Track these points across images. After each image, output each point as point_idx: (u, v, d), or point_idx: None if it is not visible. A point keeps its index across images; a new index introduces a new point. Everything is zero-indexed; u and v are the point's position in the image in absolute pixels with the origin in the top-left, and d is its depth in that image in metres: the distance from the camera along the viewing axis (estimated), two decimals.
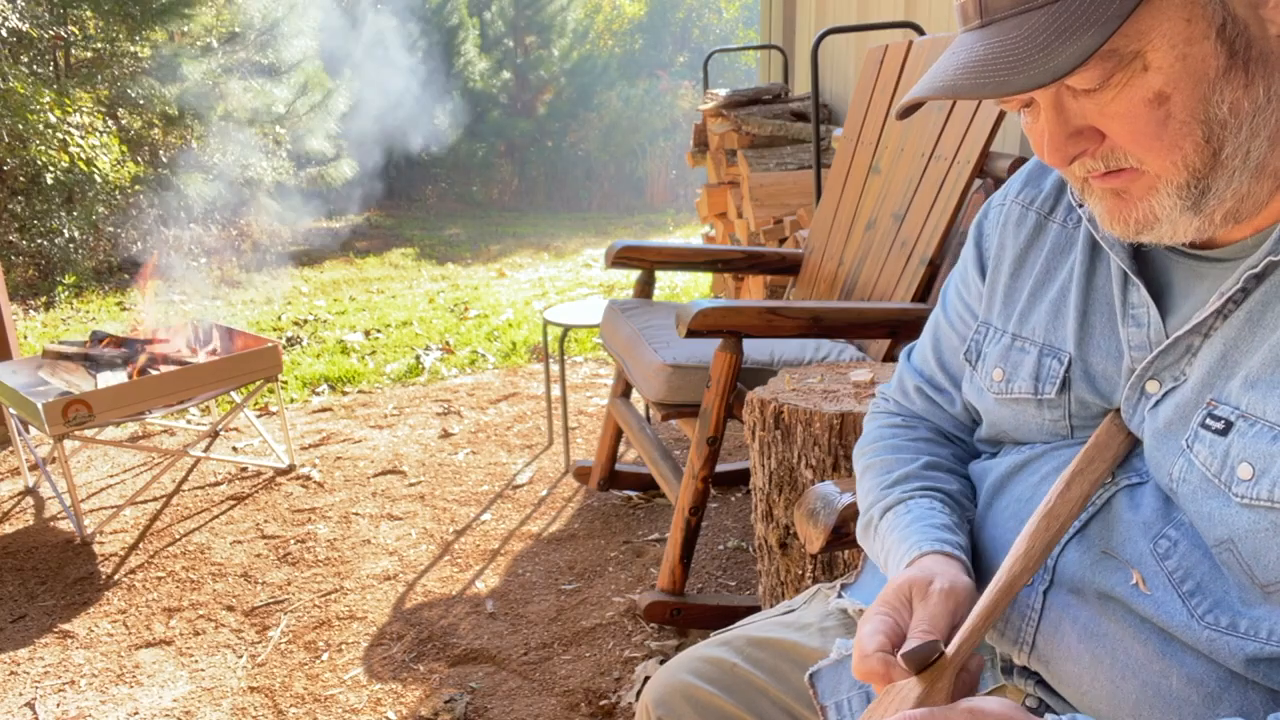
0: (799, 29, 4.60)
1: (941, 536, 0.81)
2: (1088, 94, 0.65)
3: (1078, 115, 0.66)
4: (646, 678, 1.91)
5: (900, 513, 0.87)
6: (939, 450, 0.94)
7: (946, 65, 0.66)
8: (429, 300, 5.71)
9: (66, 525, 2.68)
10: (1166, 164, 0.64)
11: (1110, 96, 0.64)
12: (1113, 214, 0.69)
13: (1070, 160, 0.67)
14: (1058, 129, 0.66)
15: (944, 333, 0.97)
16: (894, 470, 0.92)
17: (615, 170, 12.51)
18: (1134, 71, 0.62)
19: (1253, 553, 0.64)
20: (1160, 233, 0.68)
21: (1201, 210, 0.66)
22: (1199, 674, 0.67)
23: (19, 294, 6.07)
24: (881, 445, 0.96)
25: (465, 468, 2.99)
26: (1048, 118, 0.67)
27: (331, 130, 8.61)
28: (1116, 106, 0.64)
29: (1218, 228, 0.67)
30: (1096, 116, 0.65)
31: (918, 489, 0.88)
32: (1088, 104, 0.65)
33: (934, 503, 0.86)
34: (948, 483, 0.90)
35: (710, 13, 15.43)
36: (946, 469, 0.92)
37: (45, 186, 6.05)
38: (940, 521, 0.84)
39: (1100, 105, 0.64)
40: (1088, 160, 0.67)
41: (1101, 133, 0.66)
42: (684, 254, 2.53)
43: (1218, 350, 0.68)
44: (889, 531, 0.87)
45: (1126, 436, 0.77)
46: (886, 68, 2.37)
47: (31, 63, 6.40)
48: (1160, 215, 0.67)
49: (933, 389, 0.98)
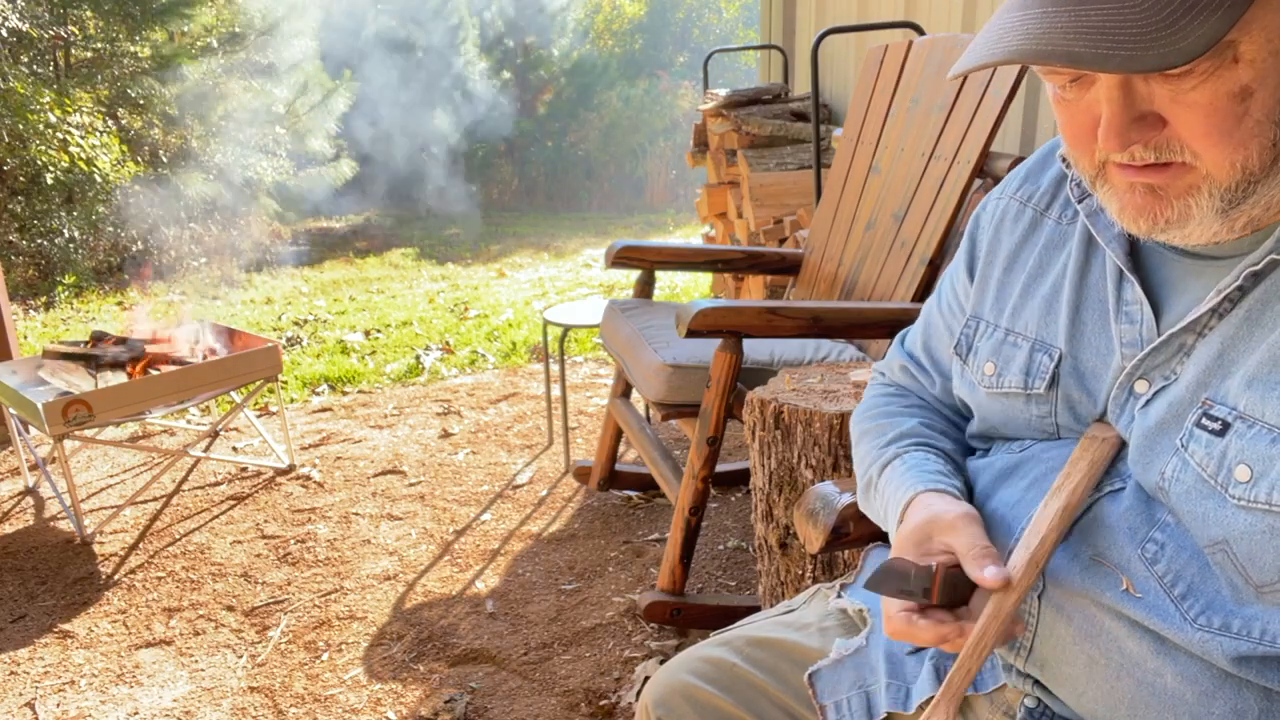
0: (799, 29, 4.59)
1: (937, 480, 0.82)
2: (1165, 78, 0.60)
3: (1145, 99, 0.62)
4: (646, 678, 1.91)
5: (896, 466, 0.88)
6: (931, 416, 0.96)
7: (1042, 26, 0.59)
8: (429, 300, 5.71)
9: (66, 525, 2.68)
10: (1225, 163, 0.61)
11: (1191, 85, 0.59)
12: (1140, 209, 0.66)
13: (1127, 146, 0.63)
14: (1123, 112, 0.62)
15: (934, 321, 0.98)
16: (889, 431, 0.93)
17: (615, 170, 12.51)
18: (1224, 62, 0.58)
19: (1248, 554, 0.64)
20: (1184, 233, 0.65)
21: (1230, 214, 0.63)
22: (1193, 672, 0.67)
23: (19, 294, 6.07)
24: (876, 411, 0.98)
25: (465, 468, 2.99)
26: (1112, 98, 0.62)
27: (331, 130, 8.61)
28: (1197, 96, 0.59)
29: (1234, 234, 0.65)
30: (1167, 103, 0.61)
31: (912, 444, 0.90)
32: (1160, 89, 0.61)
33: (929, 455, 0.88)
34: (941, 441, 0.91)
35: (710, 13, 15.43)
36: (939, 429, 0.93)
37: (45, 186, 6.05)
38: (935, 468, 0.85)
39: (1176, 92, 0.60)
40: (1138, 149, 0.63)
41: (1164, 120, 0.62)
42: (684, 254, 2.53)
43: (1214, 349, 0.67)
44: (886, 484, 0.88)
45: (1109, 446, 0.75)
46: (886, 68, 2.37)
47: (31, 63, 6.40)
48: (1194, 215, 0.64)
49: (916, 368, 1.00)
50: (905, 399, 0.99)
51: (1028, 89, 2.49)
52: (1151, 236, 0.67)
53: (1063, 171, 0.84)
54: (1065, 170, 0.83)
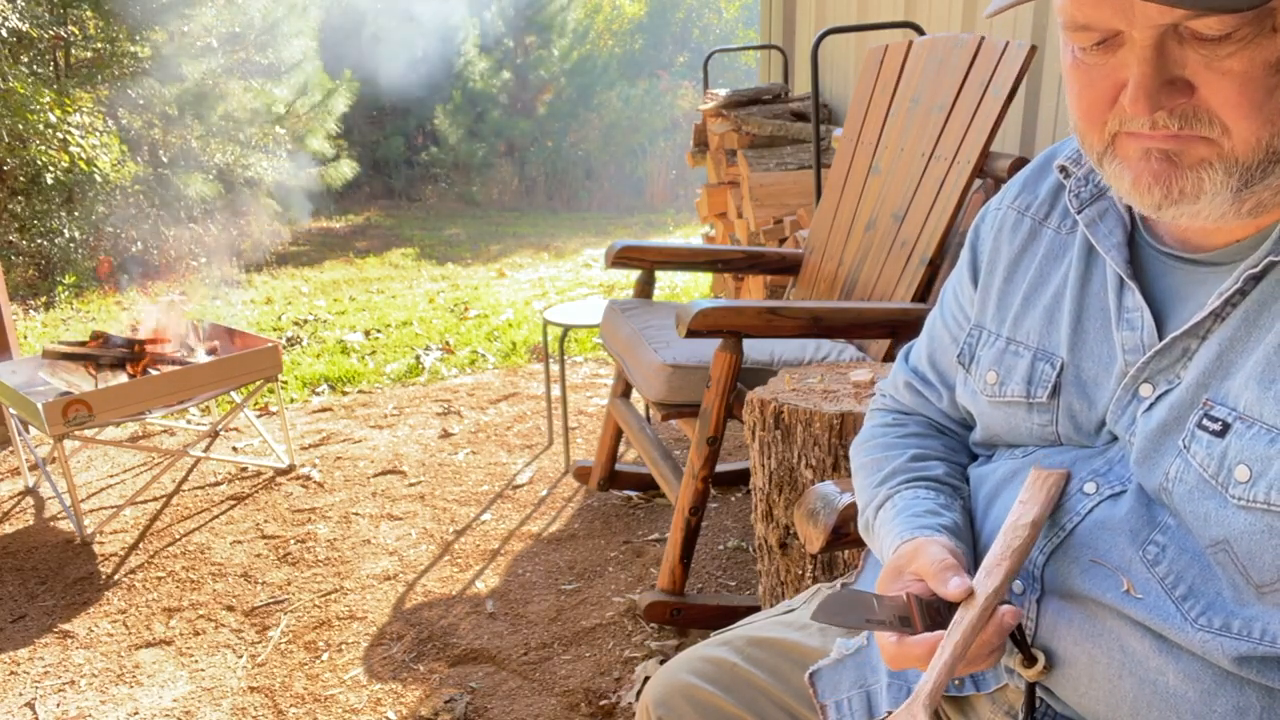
0: (799, 29, 4.60)
1: (920, 524, 0.82)
2: (1200, 42, 0.58)
3: (1177, 63, 0.60)
4: (646, 678, 1.91)
5: (887, 509, 0.88)
6: (928, 442, 0.95)
7: None
8: (429, 300, 5.71)
9: (66, 525, 2.68)
10: (1250, 138, 0.60)
11: (1229, 51, 0.57)
12: (1156, 176, 0.64)
13: (1155, 110, 0.60)
14: (1155, 73, 0.59)
15: (938, 333, 0.98)
16: (882, 468, 0.93)
17: (615, 170, 12.50)
18: (1263, 29, 0.56)
19: (1248, 554, 0.64)
20: (1194, 210, 0.64)
21: (1241, 196, 0.62)
22: (1195, 671, 0.67)
23: (19, 294, 6.07)
24: (872, 444, 0.98)
25: (465, 468, 2.99)
26: (1145, 59, 0.60)
27: (332, 130, 8.61)
28: (1233, 63, 0.57)
29: (1240, 218, 0.64)
30: (1200, 69, 0.59)
31: (902, 482, 0.89)
32: (1194, 54, 0.59)
33: (918, 492, 0.87)
34: (934, 469, 0.90)
35: (710, 13, 15.42)
36: (934, 457, 0.93)
37: (45, 186, 6.05)
38: (922, 509, 0.84)
39: (1211, 58, 0.58)
40: (1163, 115, 0.61)
41: (1193, 86, 0.60)
42: (684, 254, 2.53)
43: (1214, 351, 0.68)
44: (881, 528, 0.88)
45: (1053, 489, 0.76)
46: (886, 68, 2.37)
47: (31, 63, 6.39)
48: (1206, 189, 0.62)
49: (921, 383, 0.99)
50: (902, 427, 0.98)
51: (1028, 89, 2.49)
52: (1162, 211, 0.66)
53: (1060, 181, 0.85)
54: (1063, 181, 0.84)
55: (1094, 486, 0.76)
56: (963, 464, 0.94)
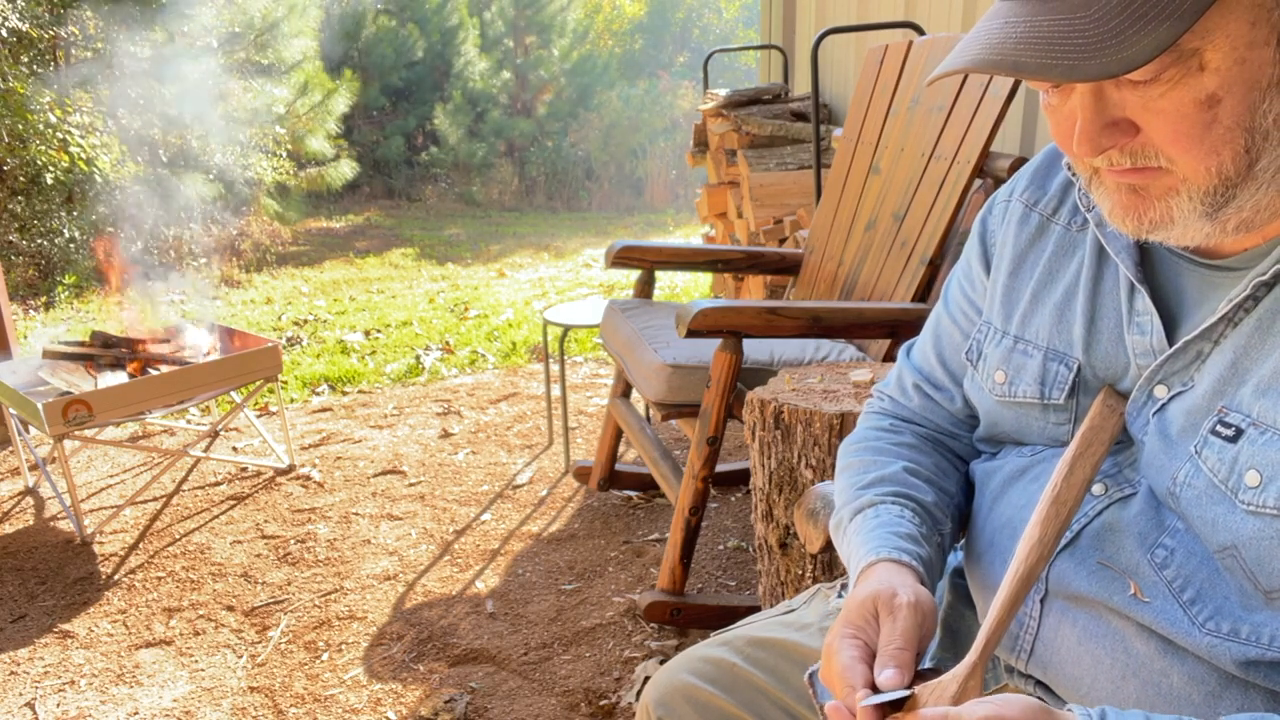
0: (799, 29, 4.60)
1: (901, 545, 0.80)
2: (1133, 85, 0.61)
3: (1117, 106, 0.62)
4: (646, 678, 1.91)
5: (869, 515, 0.86)
6: (921, 458, 0.93)
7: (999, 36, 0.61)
8: (429, 300, 5.71)
9: (66, 525, 2.68)
10: (1199, 169, 0.62)
11: (1159, 92, 0.60)
12: (1126, 209, 0.67)
13: (1100, 152, 0.64)
14: (1094, 118, 0.63)
15: (946, 329, 0.95)
16: (870, 472, 0.90)
17: (615, 170, 12.50)
18: (1189, 69, 0.59)
19: (1257, 559, 0.64)
20: (1171, 234, 0.66)
21: (1217, 218, 0.64)
22: (1200, 673, 0.67)
23: (19, 294, 6.07)
24: (863, 446, 0.95)
25: (465, 468, 2.99)
26: (1084, 104, 0.63)
27: (332, 130, 8.61)
28: (1164, 103, 0.60)
29: (1229, 235, 0.66)
30: (1138, 110, 0.62)
31: (890, 494, 0.87)
32: (1131, 96, 0.62)
33: (904, 510, 0.85)
34: (924, 492, 0.88)
35: (710, 13, 15.43)
36: (925, 478, 0.90)
37: (45, 186, 6.05)
38: (905, 530, 0.82)
39: (1146, 99, 0.61)
40: (1114, 154, 0.64)
41: (1136, 126, 0.62)
42: (684, 254, 2.53)
43: (1228, 357, 0.68)
44: (855, 534, 0.86)
45: (1120, 416, 0.76)
46: (886, 68, 2.37)
47: (31, 63, 6.39)
48: (1175, 218, 0.64)
49: (932, 386, 0.97)
50: (897, 434, 0.96)
51: (1027, 89, 2.49)
52: (1142, 236, 0.68)
53: (1069, 178, 0.84)
54: (1071, 178, 0.83)
55: (1103, 488, 0.75)
56: (950, 491, 0.91)
